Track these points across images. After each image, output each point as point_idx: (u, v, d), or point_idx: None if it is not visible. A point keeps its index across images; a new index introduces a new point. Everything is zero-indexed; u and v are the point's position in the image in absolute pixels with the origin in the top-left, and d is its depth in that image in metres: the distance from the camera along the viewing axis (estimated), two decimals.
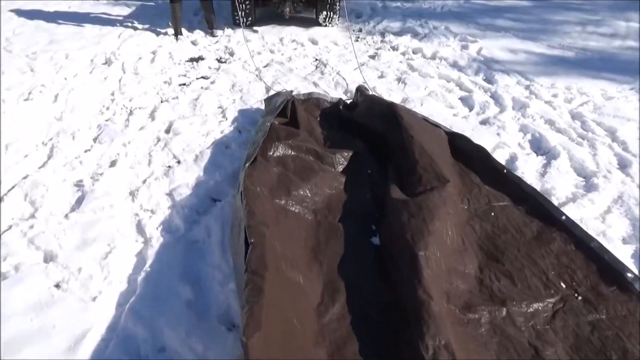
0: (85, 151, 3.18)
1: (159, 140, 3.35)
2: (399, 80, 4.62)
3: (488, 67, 5.05)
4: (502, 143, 3.45)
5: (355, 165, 2.93)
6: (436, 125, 3.23)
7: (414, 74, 4.80)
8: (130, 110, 3.82)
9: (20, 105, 3.82)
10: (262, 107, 3.90)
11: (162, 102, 4.00)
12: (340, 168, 2.92)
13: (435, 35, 6.17)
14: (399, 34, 6.23)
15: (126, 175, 2.89)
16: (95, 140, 3.32)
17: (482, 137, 3.46)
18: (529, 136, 3.59)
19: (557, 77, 4.78)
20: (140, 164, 3.03)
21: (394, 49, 5.65)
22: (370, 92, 3.76)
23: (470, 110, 4.04)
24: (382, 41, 5.99)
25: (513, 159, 3.24)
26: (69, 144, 3.24)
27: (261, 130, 3.00)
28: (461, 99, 4.27)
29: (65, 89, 4.14)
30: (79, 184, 2.78)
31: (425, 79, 4.66)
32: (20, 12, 6.65)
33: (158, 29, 6.04)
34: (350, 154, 2.99)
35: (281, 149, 2.84)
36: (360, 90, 3.73)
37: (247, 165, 2.58)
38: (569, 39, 6.22)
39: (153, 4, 7.54)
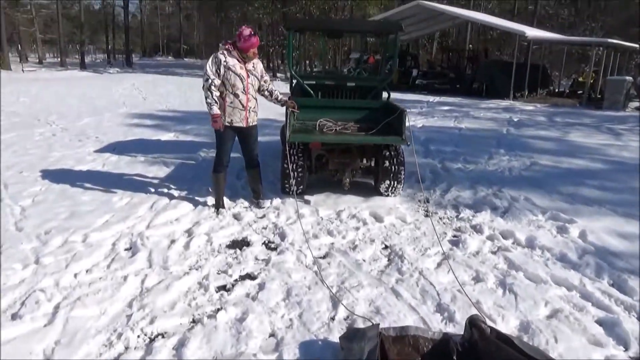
0: None
1: None
2: (503, 286, 3.50)
3: (609, 263, 3.94)
4: None
5: None
6: None
7: (519, 275, 3.69)
8: (150, 340, 2.75)
9: (4, 327, 2.80)
10: (330, 337, 2.80)
11: (193, 323, 2.93)
12: None
13: (519, 210, 5.20)
14: (474, 207, 5.30)
15: None
16: None
17: None
18: None
19: None
20: None
21: (477, 230, 4.64)
22: (488, 325, 2.63)
23: (625, 349, 2.83)
24: (458, 217, 5.03)
25: None
26: None
27: None
28: (602, 324, 3.07)
29: (69, 297, 3.15)
30: None
31: (538, 285, 3.54)
32: (47, 174, 6.05)
33: (196, 198, 5.26)
34: None
35: None
36: (475, 324, 2.61)
37: None
38: None
39: (193, 162, 6.97)
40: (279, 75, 30.20)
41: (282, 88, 15.64)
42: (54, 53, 55.24)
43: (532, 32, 20.86)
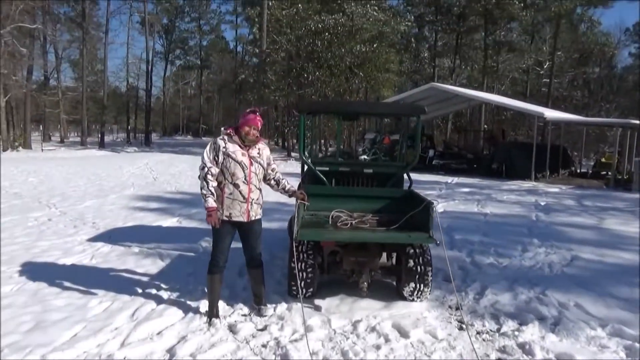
0: None
1: None
2: None
3: None
4: None
5: None
6: None
7: None
8: None
9: None
10: None
11: None
12: None
13: (573, 322, 4.32)
14: (518, 317, 4.43)
15: None
16: None
17: None
18: None
19: None
20: None
21: (527, 352, 3.76)
22: None
23: None
24: (500, 332, 4.15)
25: None
26: None
27: None
28: None
29: None
30: None
31: None
32: (26, 269, 5.36)
33: (188, 301, 4.49)
34: None
35: None
36: None
37: None
38: None
39: (192, 254, 6.26)
40: (293, 154, 30.18)
41: (296, 168, 15.23)
42: (78, 132, 57.09)
43: (550, 113, 20.64)
